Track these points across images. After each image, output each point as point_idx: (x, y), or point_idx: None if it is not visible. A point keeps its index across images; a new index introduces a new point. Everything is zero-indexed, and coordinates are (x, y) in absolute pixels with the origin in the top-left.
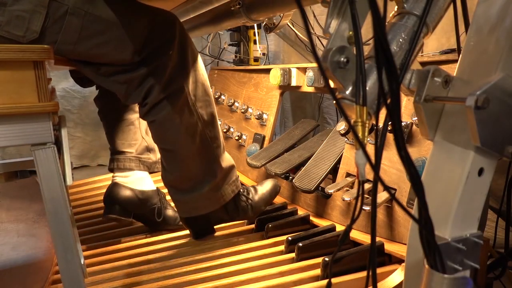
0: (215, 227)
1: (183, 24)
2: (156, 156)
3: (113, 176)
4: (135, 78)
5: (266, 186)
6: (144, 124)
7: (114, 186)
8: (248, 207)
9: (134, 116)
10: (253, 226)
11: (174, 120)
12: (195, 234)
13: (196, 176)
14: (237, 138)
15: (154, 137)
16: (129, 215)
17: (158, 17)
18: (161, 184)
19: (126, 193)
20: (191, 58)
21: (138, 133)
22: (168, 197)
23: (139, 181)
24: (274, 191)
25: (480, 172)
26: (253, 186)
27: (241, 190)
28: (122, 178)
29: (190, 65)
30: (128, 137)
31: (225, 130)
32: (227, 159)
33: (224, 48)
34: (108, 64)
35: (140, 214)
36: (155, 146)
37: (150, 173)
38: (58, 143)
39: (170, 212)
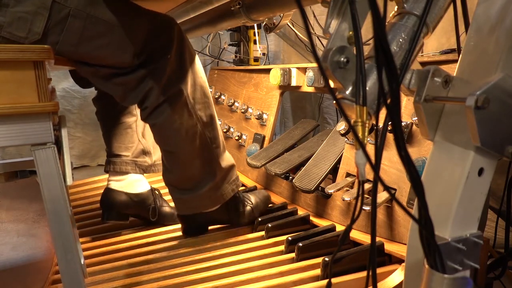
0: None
1: (183, 24)
2: (151, 159)
3: (108, 179)
4: (132, 80)
5: (259, 195)
6: (141, 127)
7: (109, 191)
8: (246, 212)
9: (131, 119)
10: (253, 226)
11: (174, 122)
12: (187, 230)
13: (196, 176)
14: (237, 138)
15: (155, 139)
16: (126, 218)
17: (157, 20)
18: (158, 184)
19: (122, 197)
20: (189, 61)
21: (135, 136)
22: (167, 197)
23: (134, 184)
24: (267, 200)
25: (480, 172)
26: (247, 194)
27: (242, 195)
28: (116, 182)
29: (188, 68)
30: (125, 140)
31: (225, 130)
32: (227, 159)
33: (224, 48)
34: (107, 66)
35: (137, 215)
36: (151, 149)
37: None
38: (58, 143)
39: (166, 209)
